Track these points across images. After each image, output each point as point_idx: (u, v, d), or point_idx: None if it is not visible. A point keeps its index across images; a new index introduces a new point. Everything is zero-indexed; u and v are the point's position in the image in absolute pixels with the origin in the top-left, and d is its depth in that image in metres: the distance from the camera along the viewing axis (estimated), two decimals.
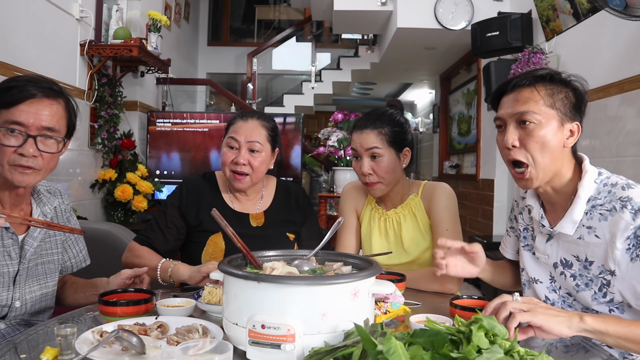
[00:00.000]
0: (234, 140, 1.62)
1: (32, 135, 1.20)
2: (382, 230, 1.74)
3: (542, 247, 1.31)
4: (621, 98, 2.71)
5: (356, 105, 10.77)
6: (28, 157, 1.20)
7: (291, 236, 1.74)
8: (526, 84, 1.22)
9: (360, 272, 0.96)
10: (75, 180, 3.31)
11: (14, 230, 1.28)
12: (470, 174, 5.76)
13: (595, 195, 1.21)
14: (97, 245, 2.06)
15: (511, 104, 1.22)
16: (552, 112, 1.20)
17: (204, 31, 7.21)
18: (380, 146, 1.61)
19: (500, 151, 1.28)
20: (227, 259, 1.05)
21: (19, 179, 1.22)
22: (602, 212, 1.18)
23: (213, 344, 0.81)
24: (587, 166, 1.25)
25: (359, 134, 1.64)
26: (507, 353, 0.78)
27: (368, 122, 1.64)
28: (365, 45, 6.79)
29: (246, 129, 1.62)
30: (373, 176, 1.62)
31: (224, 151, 1.65)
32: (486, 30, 3.73)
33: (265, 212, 1.73)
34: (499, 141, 1.27)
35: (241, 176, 1.62)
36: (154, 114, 4.03)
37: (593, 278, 1.20)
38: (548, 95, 1.20)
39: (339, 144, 3.97)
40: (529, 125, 1.19)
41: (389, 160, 1.62)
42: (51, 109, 1.24)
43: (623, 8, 2.16)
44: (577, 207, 1.21)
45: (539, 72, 1.24)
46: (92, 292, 1.44)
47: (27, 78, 1.25)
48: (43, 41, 2.81)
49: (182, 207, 1.67)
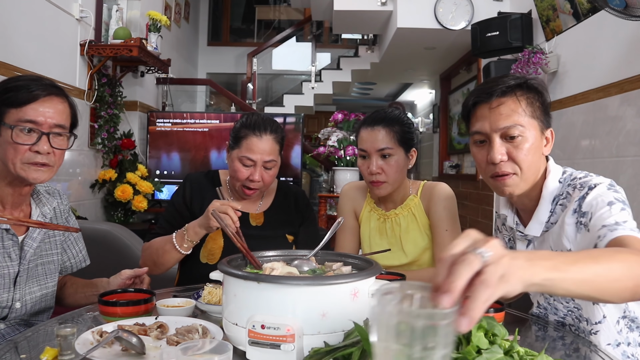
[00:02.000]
0: (249, 160, 1.59)
1: (46, 133, 1.24)
2: (381, 231, 1.73)
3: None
4: (621, 98, 2.71)
5: (356, 105, 10.78)
6: (43, 154, 1.23)
7: (290, 237, 1.74)
8: (507, 94, 1.18)
9: (360, 272, 0.96)
10: (75, 180, 3.31)
11: (14, 231, 1.28)
12: (470, 174, 5.76)
13: (559, 194, 1.21)
14: (97, 245, 2.06)
15: (495, 118, 1.17)
16: (534, 121, 1.18)
17: (204, 31, 7.20)
18: (391, 146, 1.60)
19: (480, 165, 1.23)
20: (227, 259, 1.05)
21: (34, 176, 1.24)
22: (562, 203, 1.19)
23: (213, 344, 0.81)
24: (551, 166, 1.24)
25: (370, 132, 1.61)
26: (507, 353, 0.78)
27: (379, 120, 1.62)
28: (365, 45, 6.78)
29: (262, 148, 1.59)
30: (381, 175, 1.60)
31: (238, 167, 1.60)
32: (486, 30, 3.73)
33: (265, 212, 1.73)
34: (480, 156, 1.22)
35: (252, 191, 1.63)
36: (154, 114, 4.03)
37: None
38: (528, 104, 1.18)
39: (339, 144, 3.97)
40: (516, 139, 1.16)
41: (398, 160, 1.61)
42: (59, 107, 1.27)
43: (623, 8, 2.16)
44: (542, 208, 1.21)
45: (513, 80, 1.19)
46: (92, 293, 1.44)
47: (29, 77, 1.27)
48: (43, 41, 2.81)
49: (187, 201, 1.69)
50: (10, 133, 1.20)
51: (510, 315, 1.29)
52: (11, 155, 1.22)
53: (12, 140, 1.20)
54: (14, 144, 1.21)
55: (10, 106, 1.22)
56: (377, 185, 1.62)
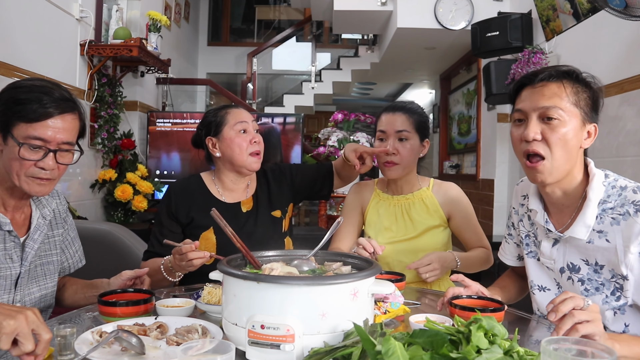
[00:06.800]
0: (244, 123, 1.71)
1: (53, 150, 1.24)
2: (390, 212, 1.81)
3: (547, 252, 1.28)
4: (621, 98, 2.71)
5: (356, 105, 10.77)
6: (47, 170, 1.24)
7: (276, 214, 1.79)
8: (553, 78, 1.19)
9: (359, 272, 0.96)
10: (75, 180, 3.30)
11: (16, 233, 1.29)
12: (470, 174, 5.76)
13: (605, 199, 1.18)
14: (97, 245, 2.06)
15: (536, 98, 1.19)
16: (576, 110, 1.17)
17: (204, 31, 7.20)
18: (409, 130, 1.72)
19: (515, 144, 1.24)
20: (227, 259, 1.05)
21: (36, 190, 1.25)
22: (615, 217, 1.16)
23: (213, 344, 0.80)
24: (594, 169, 1.23)
25: (390, 116, 1.75)
26: (507, 353, 0.78)
27: (399, 107, 1.76)
28: (365, 45, 6.78)
29: (246, 114, 1.74)
30: (396, 157, 1.71)
31: (237, 139, 1.69)
32: (486, 30, 3.73)
33: (253, 195, 1.79)
34: (516, 134, 1.23)
35: (259, 155, 1.72)
36: (154, 114, 4.03)
37: (604, 282, 1.19)
38: (573, 93, 1.18)
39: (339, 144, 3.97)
40: (553, 122, 1.16)
41: (413, 145, 1.74)
42: (70, 125, 1.27)
43: (623, 8, 2.16)
44: (588, 210, 1.18)
45: (564, 68, 1.21)
46: (92, 293, 1.43)
47: (42, 89, 1.23)
48: (43, 41, 2.81)
49: (173, 209, 1.71)
50: (17, 149, 1.20)
51: (510, 315, 1.29)
52: (16, 168, 1.22)
53: (18, 155, 1.21)
54: (19, 159, 1.21)
55: (21, 120, 1.20)
56: (390, 166, 1.73)
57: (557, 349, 0.73)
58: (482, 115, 5.20)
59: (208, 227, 1.68)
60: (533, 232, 1.35)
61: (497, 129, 4.61)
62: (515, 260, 1.48)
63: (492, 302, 1.19)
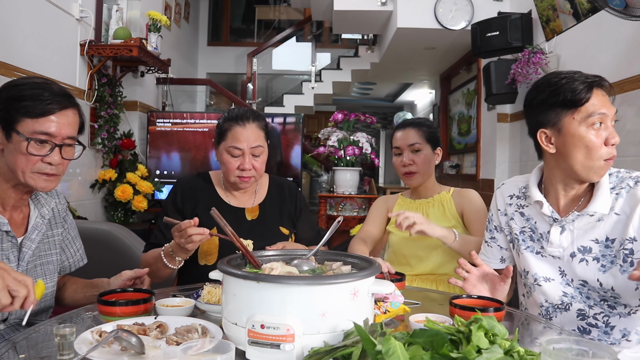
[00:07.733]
0: (237, 149, 1.65)
1: (59, 145, 1.25)
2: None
3: (557, 240, 1.32)
4: (621, 98, 2.71)
5: (356, 105, 10.77)
6: (54, 165, 1.25)
7: (285, 231, 1.76)
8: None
9: (359, 272, 0.96)
10: (75, 180, 3.30)
11: (13, 233, 1.28)
12: (470, 174, 5.75)
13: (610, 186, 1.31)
14: (97, 245, 2.06)
15: (608, 104, 1.25)
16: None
17: (204, 31, 7.20)
18: (420, 141, 1.91)
19: (596, 148, 1.27)
20: (227, 259, 1.05)
21: (43, 185, 1.26)
22: (618, 192, 1.28)
23: (213, 343, 0.80)
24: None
25: (402, 132, 1.95)
26: (507, 353, 0.78)
27: (409, 123, 1.97)
28: (365, 45, 6.78)
29: (247, 135, 1.65)
30: (413, 166, 1.90)
31: (227, 159, 1.66)
32: (486, 30, 3.73)
33: (260, 205, 1.77)
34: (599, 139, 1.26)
35: (247, 179, 1.68)
36: (154, 114, 4.03)
37: (616, 253, 1.26)
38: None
39: (339, 144, 3.97)
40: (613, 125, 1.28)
41: (426, 154, 1.91)
42: (73, 119, 1.29)
43: (623, 8, 2.16)
44: (603, 186, 1.28)
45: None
46: (92, 293, 1.43)
47: (40, 85, 1.26)
48: (43, 41, 2.81)
49: (179, 205, 1.71)
50: (25, 144, 1.21)
51: (510, 315, 1.29)
52: (22, 164, 1.23)
53: (25, 151, 1.22)
54: (27, 154, 1.22)
55: (25, 115, 1.22)
56: (410, 176, 1.91)
57: (558, 349, 0.73)
58: (482, 115, 5.19)
59: (211, 227, 1.67)
60: (530, 227, 1.39)
61: (497, 129, 4.61)
62: (498, 263, 1.50)
63: (493, 301, 1.19)
